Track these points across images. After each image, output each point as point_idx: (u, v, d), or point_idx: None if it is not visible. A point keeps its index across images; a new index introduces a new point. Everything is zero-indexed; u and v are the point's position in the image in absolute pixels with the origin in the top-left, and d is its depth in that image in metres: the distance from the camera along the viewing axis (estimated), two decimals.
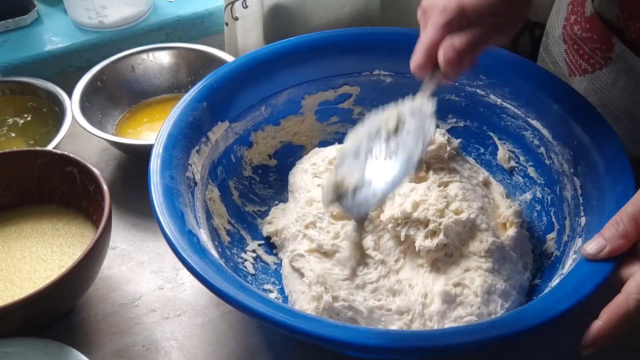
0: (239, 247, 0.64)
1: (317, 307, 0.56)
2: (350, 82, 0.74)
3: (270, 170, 0.73)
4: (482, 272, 0.57)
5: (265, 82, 0.70)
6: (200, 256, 0.51)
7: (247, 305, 0.47)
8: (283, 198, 0.72)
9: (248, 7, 0.86)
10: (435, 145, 0.66)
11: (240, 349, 0.60)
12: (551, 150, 0.66)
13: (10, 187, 0.67)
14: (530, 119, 0.68)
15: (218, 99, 0.66)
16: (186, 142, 0.61)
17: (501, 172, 0.72)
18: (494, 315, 0.56)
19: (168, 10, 0.97)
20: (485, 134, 0.73)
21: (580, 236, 0.57)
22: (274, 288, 0.62)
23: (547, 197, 0.67)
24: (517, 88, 0.68)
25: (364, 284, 0.57)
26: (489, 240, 0.59)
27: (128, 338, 0.61)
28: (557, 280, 0.55)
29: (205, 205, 0.61)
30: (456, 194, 0.62)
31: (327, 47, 0.73)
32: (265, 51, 0.71)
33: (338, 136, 0.76)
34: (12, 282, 0.60)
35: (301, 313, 0.51)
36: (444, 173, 0.66)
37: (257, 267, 0.63)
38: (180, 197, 0.57)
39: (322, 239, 0.60)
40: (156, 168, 0.57)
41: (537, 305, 0.49)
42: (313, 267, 0.59)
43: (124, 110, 0.85)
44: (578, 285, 0.49)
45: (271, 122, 0.72)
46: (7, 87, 0.82)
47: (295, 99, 0.73)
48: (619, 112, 0.69)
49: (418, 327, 0.55)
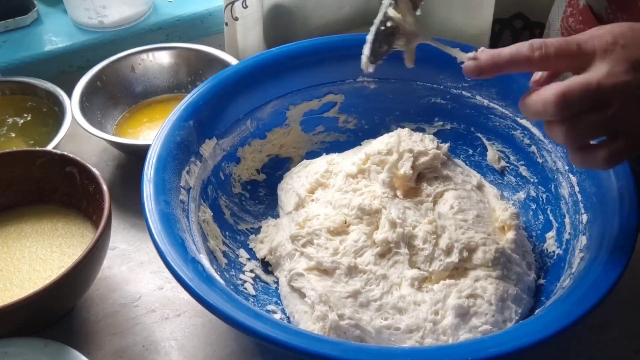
0: (237, 269, 0.63)
1: (324, 326, 0.55)
2: (334, 90, 0.74)
3: (259, 185, 0.73)
4: (493, 280, 0.57)
5: (249, 95, 0.70)
6: (209, 285, 0.50)
7: (269, 335, 0.46)
8: (274, 214, 0.71)
9: (248, 7, 0.86)
10: (429, 157, 0.66)
11: (240, 349, 0.60)
12: (543, 149, 0.66)
13: (10, 187, 0.67)
14: (519, 118, 0.68)
15: (204, 116, 0.66)
16: (176, 164, 0.61)
17: (492, 172, 0.72)
18: (509, 321, 0.55)
19: (168, 10, 0.97)
20: (473, 135, 0.73)
21: (584, 234, 0.57)
22: (277, 308, 0.61)
23: (542, 195, 0.67)
24: (504, 88, 0.68)
25: (368, 301, 0.56)
26: (491, 249, 0.59)
27: (128, 338, 0.61)
28: (568, 280, 0.55)
29: (200, 227, 0.60)
30: (451, 206, 0.62)
31: (309, 56, 0.73)
32: (248, 64, 0.71)
33: (325, 146, 0.76)
34: (11, 282, 0.60)
35: (338, 341, 0.50)
36: (437, 183, 0.66)
37: (257, 288, 0.62)
38: (177, 222, 0.56)
39: (321, 256, 0.59)
40: (150, 194, 0.56)
41: (557, 308, 0.49)
42: (314, 286, 0.57)
43: (123, 110, 0.85)
44: (594, 285, 0.49)
45: (257, 136, 0.72)
46: (7, 87, 0.82)
47: (280, 110, 0.73)
48: None
49: (431, 343, 0.54)
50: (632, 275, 0.53)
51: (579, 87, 0.44)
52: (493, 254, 0.58)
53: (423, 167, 0.66)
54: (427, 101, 0.74)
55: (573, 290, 0.51)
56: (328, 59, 0.73)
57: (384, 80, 0.74)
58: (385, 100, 0.75)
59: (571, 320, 0.47)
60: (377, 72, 0.73)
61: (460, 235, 0.60)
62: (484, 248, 0.59)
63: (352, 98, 0.75)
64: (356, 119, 0.76)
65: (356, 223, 0.61)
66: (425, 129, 0.75)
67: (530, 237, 0.65)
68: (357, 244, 0.59)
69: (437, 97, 0.74)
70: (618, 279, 0.49)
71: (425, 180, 0.66)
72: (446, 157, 0.68)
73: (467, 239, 0.59)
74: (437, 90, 0.73)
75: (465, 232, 0.60)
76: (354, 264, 0.58)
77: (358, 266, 0.58)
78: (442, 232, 0.60)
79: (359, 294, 0.56)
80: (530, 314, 0.57)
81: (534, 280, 0.61)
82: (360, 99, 0.75)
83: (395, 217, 0.60)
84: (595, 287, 0.49)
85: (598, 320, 0.60)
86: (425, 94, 0.74)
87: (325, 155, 0.73)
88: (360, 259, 0.59)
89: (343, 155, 0.72)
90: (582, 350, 0.59)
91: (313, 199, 0.66)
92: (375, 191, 0.63)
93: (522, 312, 0.57)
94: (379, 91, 0.75)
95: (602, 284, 0.49)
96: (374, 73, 0.73)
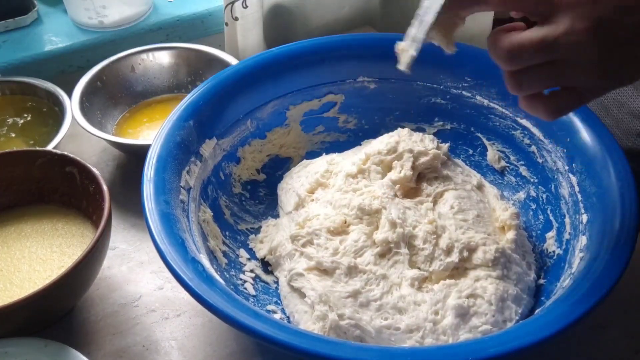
0: (237, 269, 0.63)
1: (324, 326, 0.55)
2: (334, 90, 0.74)
3: (259, 185, 0.73)
4: (493, 280, 0.57)
5: (249, 95, 0.70)
6: (209, 285, 0.50)
7: (269, 335, 0.46)
8: (274, 214, 0.71)
9: (248, 7, 0.86)
10: (430, 157, 0.66)
11: (240, 349, 0.60)
12: (543, 149, 0.66)
13: (10, 187, 0.67)
14: (519, 118, 0.68)
15: (204, 116, 0.66)
16: (176, 164, 0.61)
17: (492, 172, 0.72)
18: (509, 321, 0.55)
19: (168, 10, 0.97)
20: (473, 135, 0.73)
21: (584, 234, 0.57)
22: (277, 308, 0.61)
23: (542, 195, 0.67)
24: (504, 88, 0.68)
25: (368, 301, 0.56)
26: (491, 249, 0.59)
27: (128, 338, 0.61)
28: (568, 280, 0.55)
29: (200, 227, 0.60)
30: (452, 206, 0.62)
31: (309, 56, 0.73)
32: (248, 64, 0.71)
33: (324, 146, 0.76)
34: (11, 282, 0.60)
35: (339, 341, 0.50)
36: (437, 183, 0.66)
37: (257, 288, 0.62)
38: (177, 222, 0.56)
39: (321, 256, 0.59)
40: (150, 194, 0.56)
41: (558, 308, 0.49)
42: (314, 286, 0.57)
43: (123, 110, 0.85)
44: (594, 285, 0.49)
45: (257, 136, 0.72)
46: (7, 87, 0.82)
47: (280, 110, 0.73)
48: (609, 103, 0.69)
49: (431, 343, 0.54)
50: (632, 275, 0.53)
51: (534, 42, 0.43)
52: (493, 254, 0.58)
53: (423, 167, 0.66)
54: (427, 101, 0.74)
55: (573, 290, 0.50)
56: (328, 59, 0.73)
57: (384, 80, 0.74)
58: (385, 100, 0.75)
59: (571, 320, 0.47)
60: (377, 72, 0.74)
61: (460, 235, 0.60)
62: (484, 248, 0.59)
63: (352, 98, 0.75)
64: (356, 119, 0.76)
65: (356, 223, 0.61)
66: (425, 129, 0.75)
67: (530, 237, 0.65)
68: (357, 244, 0.59)
69: (437, 97, 0.74)
70: (618, 279, 0.49)
71: (425, 180, 0.66)
72: (446, 157, 0.68)
73: (467, 239, 0.59)
74: (437, 90, 0.73)
75: (465, 232, 0.60)
76: (354, 264, 0.58)
77: (358, 266, 0.58)
78: (442, 232, 0.60)
79: (359, 294, 0.56)
80: (530, 314, 0.57)
81: (534, 280, 0.61)
82: (360, 99, 0.75)
83: (395, 218, 0.60)
84: (595, 287, 0.49)
85: (598, 320, 0.60)
86: (425, 94, 0.74)
87: (325, 155, 0.73)
88: (360, 259, 0.59)
89: (343, 155, 0.72)
90: (582, 350, 0.59)
91: (313, 199, 0.66)
92: (375, 191, 0.63)
93: (522, 312, 0.57)
94: (379, 91, 0.75)
95: (602, 284, 0.49)
96: (374, 73, 0.74)
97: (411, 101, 0.75)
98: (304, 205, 0.66)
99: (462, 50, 0.71)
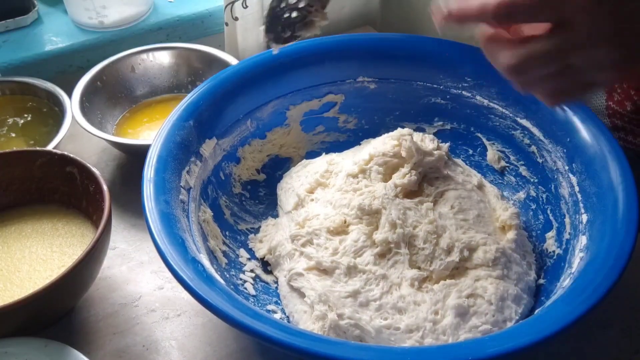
0: (237, 269, 0.63)
1: (323, 326, 0.55)
2: (334, 90, 0.74)
3: (259, 185, 0.73)
4: (493, 280, 0.57)
5: (249, 95, 0.70)
6: (209, 285, 0.50)
7: (269, 335, 0.46)
8: (274, 213, 0.71)
9: (248, 7, 0.86)
10: (434, 157, 0.66)
11: (240, 348, 0.60)
12: (543, 149, 0.66)
13: (10, 187, 0.67)
14: (519, 118, 0.68)
15: (204, 116, 0.66)
16: (176, 164, 0.61)
17: (492, 172, 0.72)
18: (509, 321, 0.55)
19: (168, 10, 0.97)
20: (473, 135, 0.73)
21: (584, 233, 0.57)
22: (277, 308, 0.61)
23: (542, 195, 0.67)
24: (504, 88, 0.68)
25: (368, 301, 0.56)
26: (492, 248, 0.59)
27: (128, 338, 0.61)
28: (568, 280, 0.55)
29: (200, 227, 0.60)
30: (452, 206, 0.62)
31: (309, 56, 0.73)
32: (248, 64, 0.71)
33: (325, 146, 0.76)
34: (12, 282, 0.60)
35: (339, 341, 0.50)
36: (438, 183, 0.66)
37: (257, 288, 0.62)
38: (177, 222, 0.56)
39: (320, 256, 0.59)
40: (150, 194, 0.56)
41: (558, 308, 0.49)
42: (314, 285, 0.57)
43: (124, 110, 0.85)
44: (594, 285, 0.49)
45: (257, 136, 0.72)
46: (7, 87, 0.82)
47: (280, 110, 0.73)
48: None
49: (431, 343, 0.54)
50: (632, 275, 0.53)
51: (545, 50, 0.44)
52: (493, 254, 0.58)
53: (427, 167, 0.66)
54: (427, 101, 0.74)
55: (573, 290, 0.51)
56: (328, 59, 0.73)
57: (384, 80, 0.74)
58: (385, 100, 0.75)
59: (571, 320, 0.47)
60: (377, 72, 0.74)
61: (460, 234, 0.60)
62: (484, 248, 0.59)
63: (352, 98, 0.75)
64: (356, 119, 0.76)
65: (356, 223, 0.61)
66: (425, 129, 0.75)
67: (530, 237, 0.65)
68: (356, 244, 0.59)
69: (437, 97, 0.74)
70: (618, 279, 0.49)
71: (426, 180, 0.66)
72: (447, 157, 0.68)
73: (468, 239, 0.59)
74: (437, 90, 0.73)
75: (465, 232, 0.60)
76: (354, 264, 0.58)
77: (357, 266, 0.58)
78: (442, 232, 0.60)
79: (358, 294, 0.56)
80: (530, 314, 0.57)
81: (534, 280, 0.61)
82: (360, 99, 0.75)
83: (395, 218, 0.60)
84: (595, 287, 0.49)
85: (598, 320, 0.60)
86: (425, 94, 0.74)
87: (325, 155, 0.73)
88: (359, 259, 0.59)
89: (343, 155, 0.72)
90: (582, 350, 0.59)
91: (313, 199, 0.66)
92: (376, 191, 0.63)
93: (522, 312, 0.57)
94: (379, 91, 0.75)
95: (602, 284, 0.49)
96: (374, 73, 0.74)
97: (411, 101, 0.75)
98: (304, 205, 0.66)
99: (462, 50, 0.72)
